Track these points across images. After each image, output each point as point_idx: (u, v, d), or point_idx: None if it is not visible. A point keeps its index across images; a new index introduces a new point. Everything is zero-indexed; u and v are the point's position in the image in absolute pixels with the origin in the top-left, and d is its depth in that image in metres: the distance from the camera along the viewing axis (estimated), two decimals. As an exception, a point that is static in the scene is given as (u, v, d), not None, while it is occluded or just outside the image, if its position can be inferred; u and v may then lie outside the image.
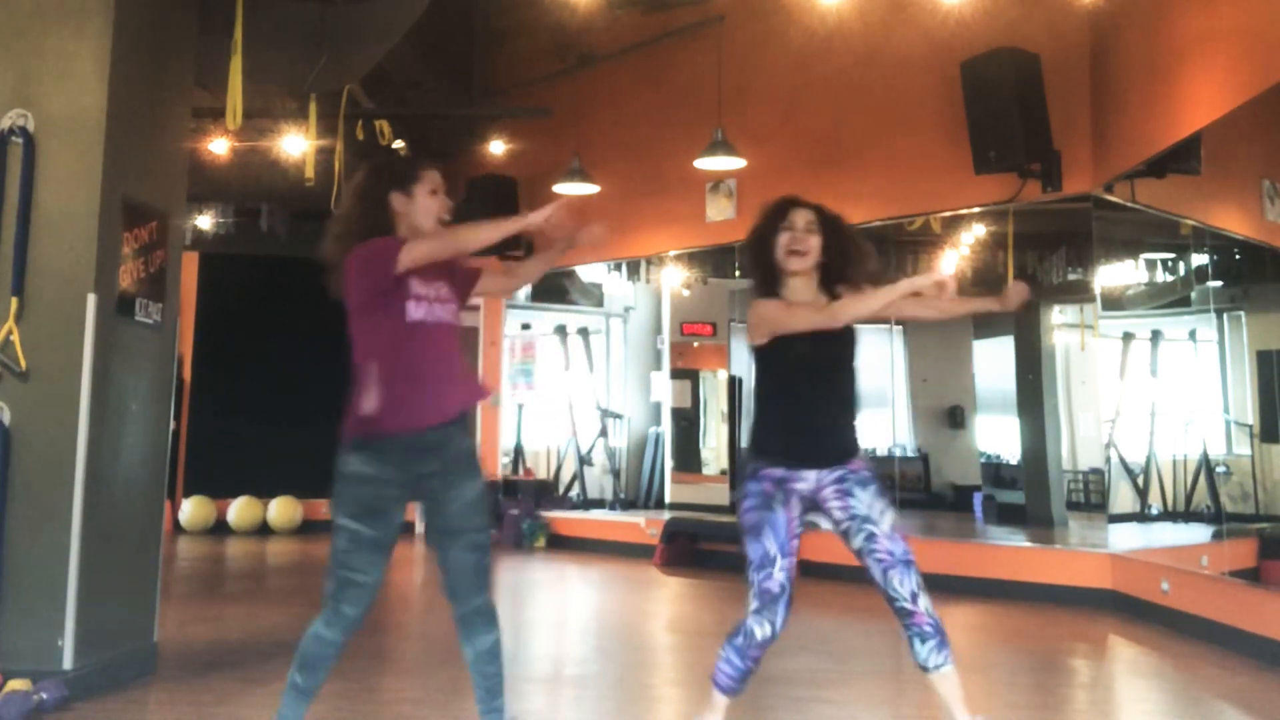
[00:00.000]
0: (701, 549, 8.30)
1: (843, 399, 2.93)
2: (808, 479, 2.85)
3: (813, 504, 2.88)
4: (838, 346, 2.91)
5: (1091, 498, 9.33)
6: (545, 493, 10.09)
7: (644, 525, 8.86)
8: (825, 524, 2.91)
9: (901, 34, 7.21)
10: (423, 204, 2.87)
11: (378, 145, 7.65)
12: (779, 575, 2.80)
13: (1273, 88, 4.71)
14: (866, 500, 2.83)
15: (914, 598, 2.76)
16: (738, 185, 8.34)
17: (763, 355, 2.96)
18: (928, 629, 2.76)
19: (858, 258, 2.99)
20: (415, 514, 10.56)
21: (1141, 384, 8.32)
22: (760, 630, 2.79)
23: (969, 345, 11.28)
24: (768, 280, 2.97)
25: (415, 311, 2.77)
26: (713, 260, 10.06)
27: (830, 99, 7.79)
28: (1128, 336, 8.48)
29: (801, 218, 2.99)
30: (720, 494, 10.49)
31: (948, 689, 2.79)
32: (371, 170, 2.94)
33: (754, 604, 2.80)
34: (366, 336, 2.82)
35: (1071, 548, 7.59)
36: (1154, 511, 7.90)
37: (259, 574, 8.13)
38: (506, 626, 3.05)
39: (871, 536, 2.80)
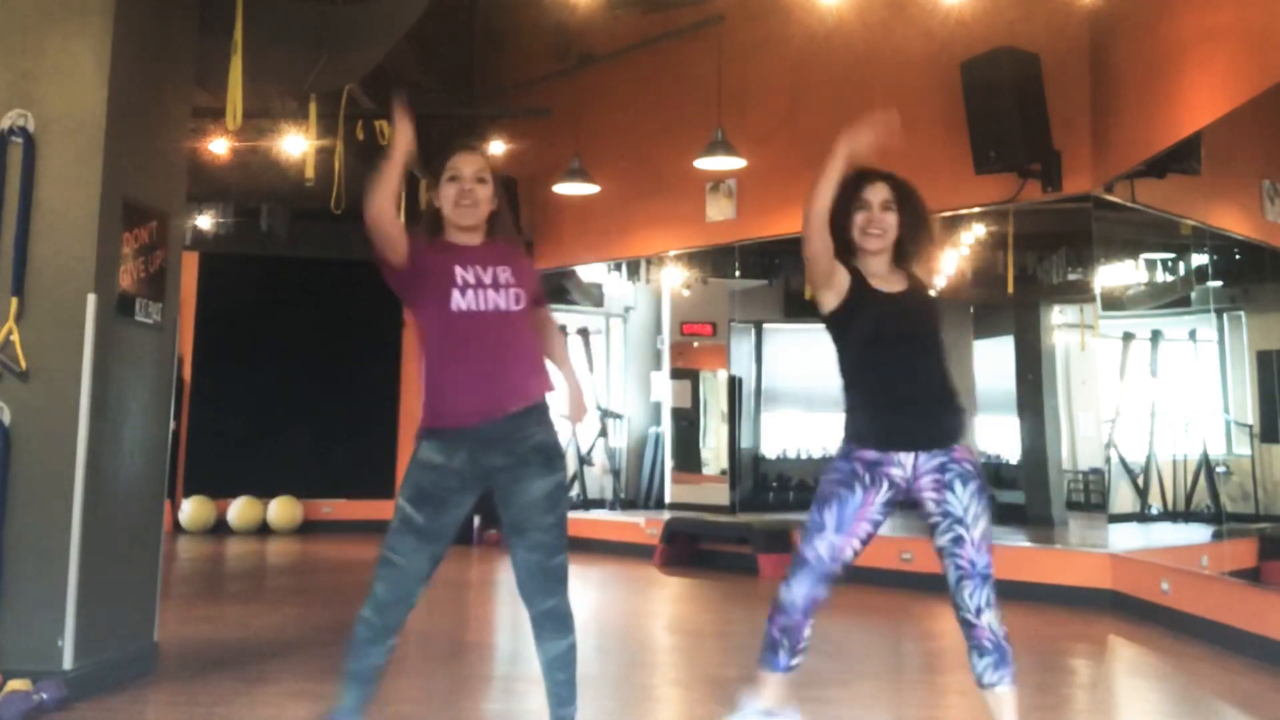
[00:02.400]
0: (701, 549, 8.30)
1: (931, 374, 2.75)
2: (904, 464, 2.69)
3: (907, 492, 2.72)
4: (914, 318, 2.77)
5: (1091, 498, 9.33)
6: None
7: (644, 525, 8.86)
8: (919, 512, 2.77)
9: (901, 34, 7.20)
10: (444, 192, 2.82)
11: (378, 145, 7.64)
12: (821, 546, 2.67)
13: (1273, 88, 4.71)
14: (964, 499, 2.68)
15: (979, 612, 2.68)
16: (738, 185, 8.33)
17: (836, 331, 2.82)
18: (988, 644, 2.67)
19: (929, 229, 2.88)
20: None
21: (1141, 384, 8.32)
22: (784, 593, 2.67)
23: (969, 345, 11.27)
24: (842, 251, 2.81)
25: (460, 300, 2.71)
26: (713, 260, 10.05)
27: (830, 99, 7.78)
28: (1128, 336, 8.47)
29: (878, 194, 2.84)
30: (720, 494, 10.49)
31: (1001, 708, 2.69)
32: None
33: (790, 569, 2.67)
34: (419, 327, 2.79)
35: (1071, 548, 7.59)
36: (1154, 511, 7.90)
37: (259, 574, 8.13)
38: (507, 626, 3.05)
39: (959, 540, 2.69)
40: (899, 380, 2.70)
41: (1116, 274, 8.00)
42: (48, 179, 3.86)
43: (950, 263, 9.73)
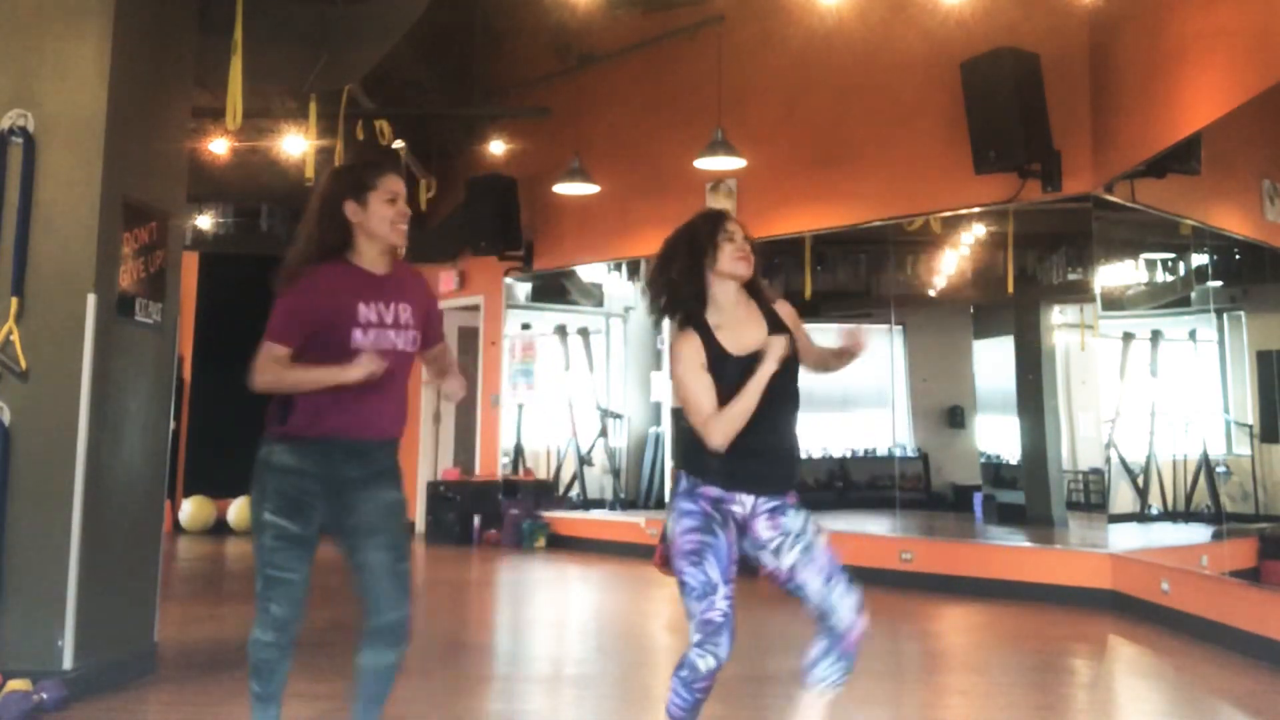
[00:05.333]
0: (701, 549, 8.28)
1: (781, 424, 2.78)
2: (744, 504, 2.70)
3: (743, 528, 2.72)
4: (779, 375, 2.72)
5: (1091, 498, 9.32)
6: (545, 493, 10.09)
7: (644, 525, 8.85)
8: (745, 548, 2.75)
9: (901, 34, 7.21)
10: (377, 212, 2.74)
11: (378, 145, 7.65)
12: (721, 604, 2.61)
13: (1273, 87, 4.71)
14: (798, 521, 2.71)
15: (859, 609, 2.63)
16: (738, 185, 8.33)
17: None
18: (852, 651, 2.62)
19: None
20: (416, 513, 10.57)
21: (1141, 384, 8.32)
22: (704, 663, 2.60)
23: (969, 345, 11.27)
24: (698, 296, 2.81)
25: (361, 339, 2.70)
26: (713, 260, 10.03)
27: (830, 99, 7.79)
28: (1128, 336, 8.47)
29: (738, 227, 2.92)
30: (720, 494, 10.47)
31: (825, 708, 2.66)
32: (330, 175, 2.86)
33: (696, 636, 2.62)
34: (309, 344, 2.71)
35: (1071, 548, 7.58)
36: (1154, 511, 7.90)
37: (259, 574, 8.12)
38: (507, 626, 3.05)
39: (807, 549, 2.68)
40: (751, 431, 2.68)
41: (1116, 274, 8.00)
42: (48, 179, 3.87)
43: (950, 263, 9.74)
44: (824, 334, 2.93)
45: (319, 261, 2.75)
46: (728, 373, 2.69)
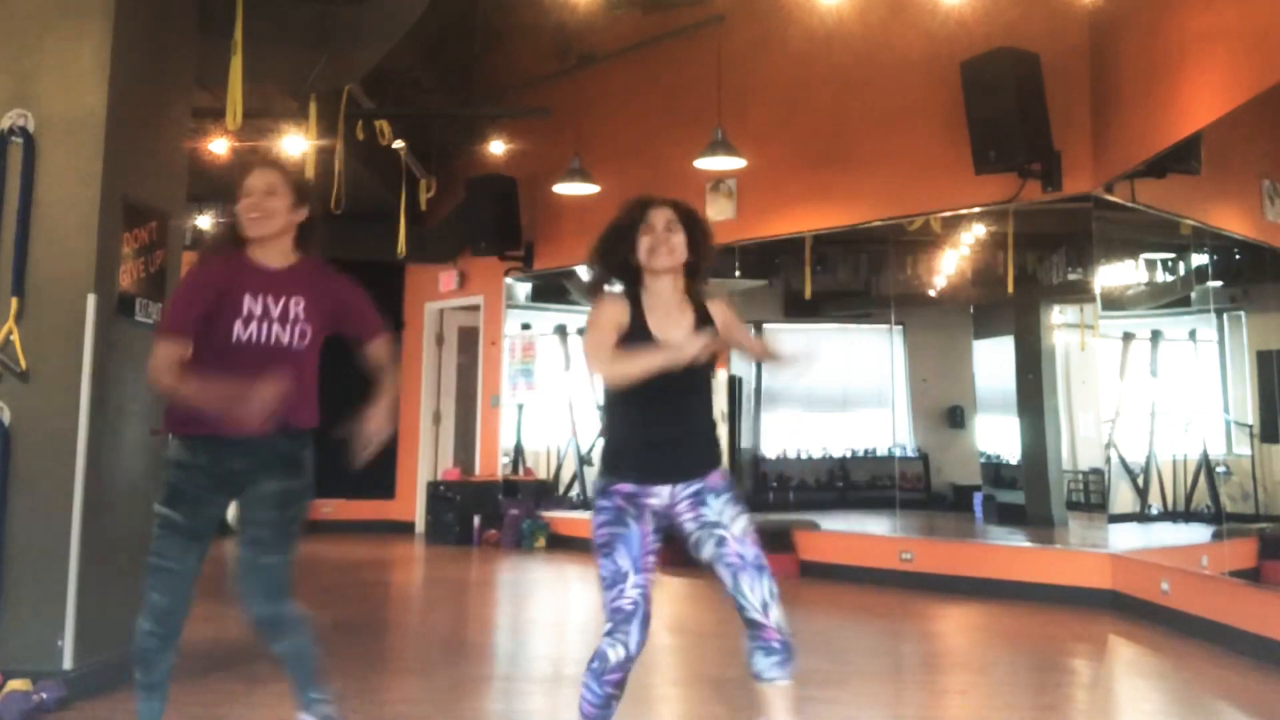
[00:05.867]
0: (701, 549, 8.29)
1: (694, 412, 2.79)
2: (661, 494, 2.70)
3: (667, 520, 2.73)
4: (689, 370, 2.67)
5: (1091, 498, 9.31)
6: (545, 493, 10.09)
7: (644, 525, 8.84)
8: (685, 543, 2.75)
9: (901, 34, 7.20)
10: (241, 207, 2.81)
11: (378, 145, 7.65)
12: (631, 592, 2.61)
13: (1273, 87, 4.71)
14: (718, 507, 2.68)
15: (765, 608, 2.60)
16: (738, 185, 8.33)
17: None
18: (775, 645, 2.61)
19: (710, 255, 2.91)
20: (417, 514, 10.56)
21: (1141, 384, 8.31)
22: (614, 652, 2.59)
23: (969, 345, 11.27)
24: (628, 281, 2.83)
25: (241, 332, 2.72)
26: (712, 260, 10.04)
27: (830, 99, 7.79)
28: (1128, 336, 8.47)
29: (660, 217, 2.87)
30: (720, 494, 10.46)
31: (780, 701, 2.64)
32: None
33: (607, 625, 2.62)
34: (196, 339, 2.74)
35: (1071, 548, 7.59)
36: (1154, 511, 7.89)
37: (259, 574, 8.12)
38: (507, 626, 3.04)
39: (722, 541, 2.66)
40: (662, 421, 2.70)
41: (1116, 274, 8.00)
42: (48, 179, 3.87)
43: (950, 263, 9.73)
44: (823, 334, 2.93)
45: (217, 254, 2.84)
46: (643, 350, 2.66)
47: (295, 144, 7.24)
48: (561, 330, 11.27)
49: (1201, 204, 6.42)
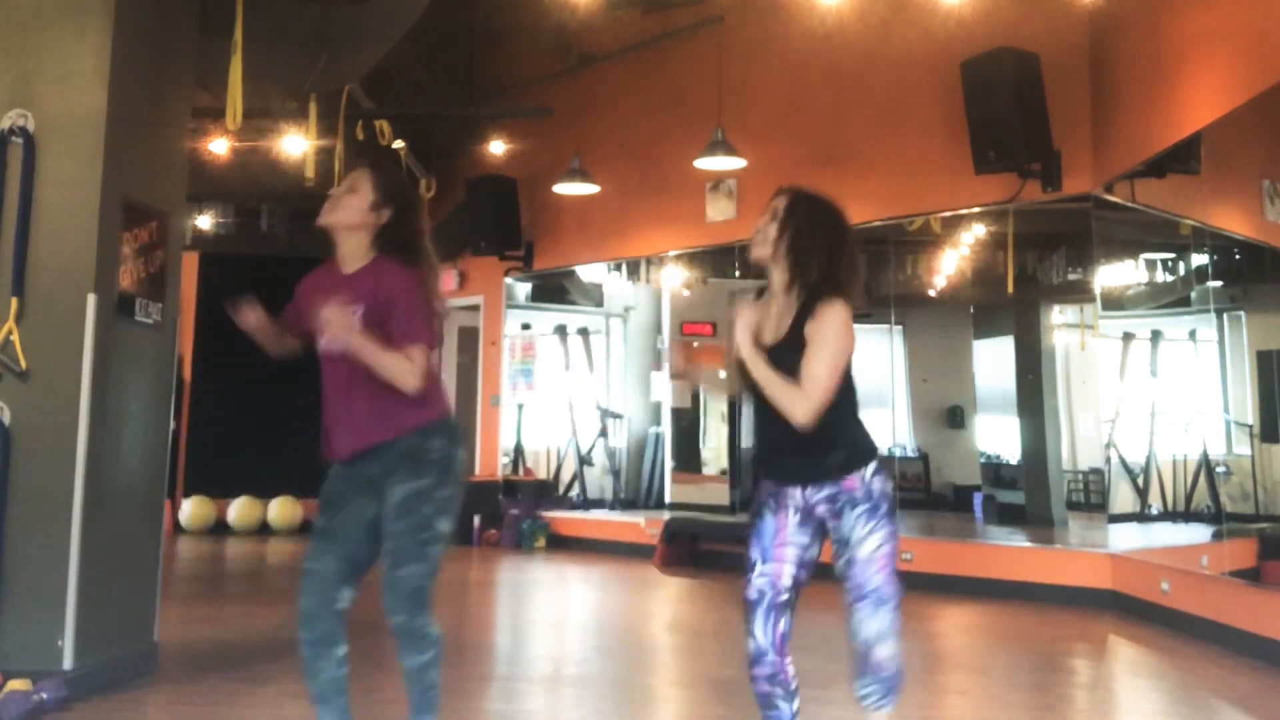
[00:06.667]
0: (701, 549, 8.30)
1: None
2: (795, 496, 2.63)
3: (811, 516, 2.63)
4: (783, 360, 2.57)
5: (1091, 498, 9.32)
6: (545, 493, 10.09)
7: (644, 525, 8.85)
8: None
9: (901, 34, 7.21)
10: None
11: (378, 145, 7.65)
12: (756, 581, 2.58)
13: (1273, 87, 4.71)
14: (851, 521, 2.56)
15: (866, 646, 2.53)
16: (738, 185, 8.33)
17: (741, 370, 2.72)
18: (884, 675, 2.54)
19: (832, 252, 2.65)
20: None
21: (1141, 384, 8.31)
22: (751, 645, 2.55)
23: (969, 345, 11.27)
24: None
25: (321, 341, 2.77)
26: (713, 260, 10.05)
27: (830, 99, 7.79)
28: (1128, 336, 8.47)
29: (772, 203, 2.76)
30: (720, 494, 10.48)
31: None
32: None
33: (746, 624, 2.59)
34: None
35: (1071, 548, 7.58)
36: (1154, 511, 7.89)
37: (259, 574, 8.13)
38: (507, 626, 3.04)
39: (849, 562, 2.56)
40: (771, 430, 2.63)
41: (1116, 274, 8.00)
42: (48, 179, 3.86)
43: (950, 263, 9.74)
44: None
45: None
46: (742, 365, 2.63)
47: (295, 144, 7.24)
48: (561, 330, 11.27)
49: (1201, 204, 6.42)
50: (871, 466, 2.62)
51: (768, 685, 2.58)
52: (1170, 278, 8.24)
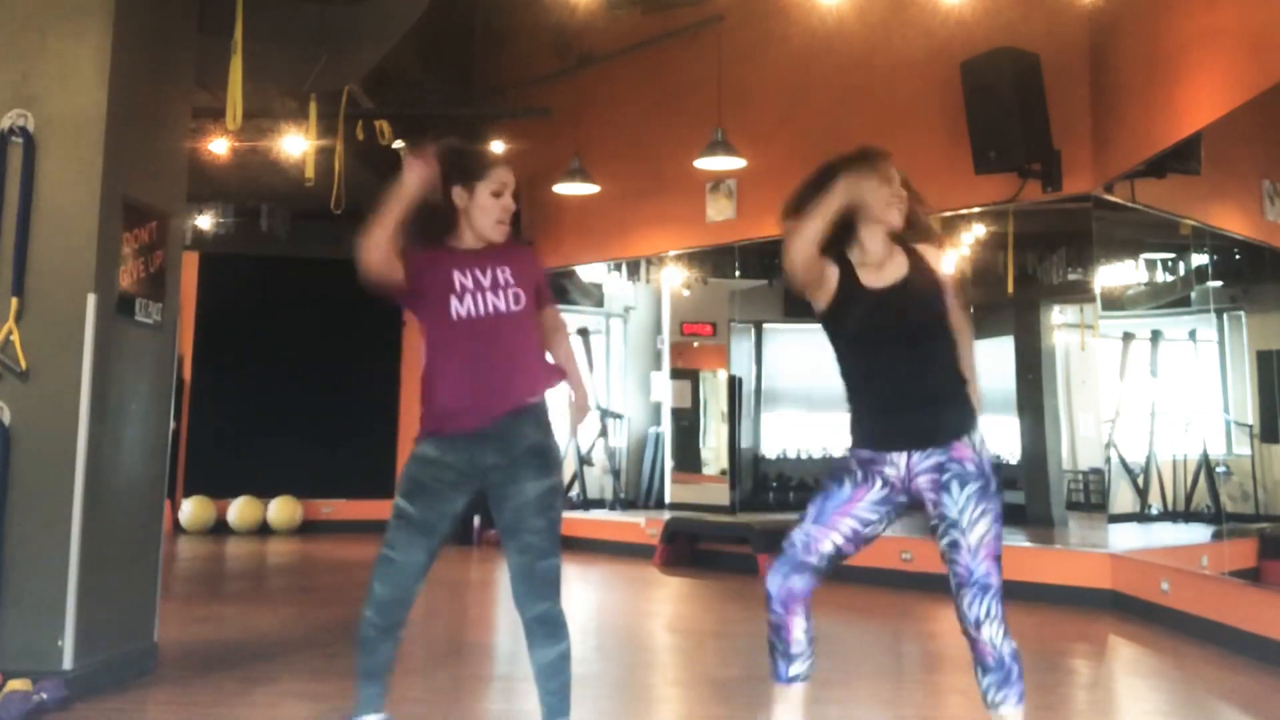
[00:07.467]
0: (701, 549, 8.30)
1: (924, 370, 2.57)
2: (897, 464, 2.54)
3: (906, 492, 2.57)
4: (903, 312, 2.56)
5: (1091, 498, 9.33)
6: (545, 493, 10.08)
7: (644, 525, 8.86)
8: (924, 514, 2.65)
9: (901, 34, 7.20)
10: (483, 203, 2.79)
11: (378, 145, 7.65)
12: (796, 535, 2.56)
13: (1273, 87, 4.71)
14: (961, 501, 2.51)
15: (977, 625, 2.51)
16: (738, 185, 8.33)
17: (829, 331, 2.67)
18: (990, 661, 2.52)
19: (924, 204, 2.78)
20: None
21: (1141, 384, 8.32)
22: (767, 583, 2.56)
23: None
24: (836, 237, 2.62)
25: (459, 308, 2.71)
26: (713, 260, 10.06)
27: (830, 99, 7.79)
28: (1128, 336, 8.47)
29: (892, 170, 2.70)
30: (720, 494, 10.49)
31: None
32: (440, 155, 2.77)
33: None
34: (422, 330, 2.81)
35: (1071, 548, 7.59)
36: (1154, 511, 7.90)
37: (259, 574, 8.13)
38: (507, 626, 3.04)
39: (955, 545, 2.54)
40: (885, 379, 2.57)
41: (1116, 274, 8.01)
42: (48, 179, 3.86)
43: (950, 263, 9.73)
44: (824, 333, 2.90)
45: (417, 243, 2.78)
46: (856, 310, 2.58)
47: (295, 144, 7.24)
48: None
49: (1201, 204, 6.43)
50: (980, 433, 2.59)
51: (772, 636, 2.62)
52: (1170, 278, 8.25)
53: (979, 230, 8.76)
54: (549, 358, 2.90)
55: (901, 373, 2.57)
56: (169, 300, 4.35)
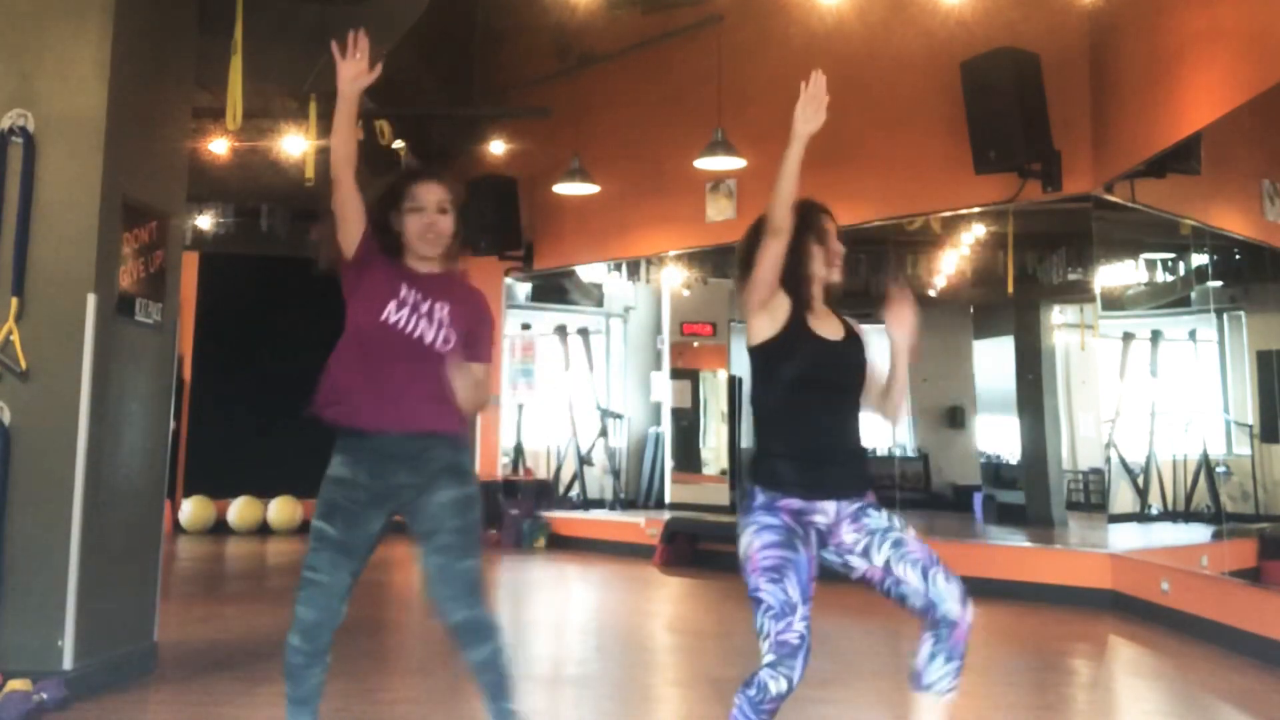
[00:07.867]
0: (701, 549, 8.30)
1: (855, 426, 2.65)
2: (827, 512, 2.56)
3: (824, 539, 2.58)
4: (849, 370, 2.65)
5: (1091, 498, 9.33)
6: (545, 493, 10.10)
7: (644, 525, 8.86)
8: (830, 557, 2.60)
9: (901, 34, 7.20)
10: (406, 222, 2.78)
11: (378, 145, 7.65)
12: (799, 625, 2.46)
13: (1273, 87, 4.71)
14: (881, 518, 2.56)
15: (963, 601, 2.45)
16: (738, 185, 8.34)
17: (763, 364, 2.65)
18: (962, 647, 2.46)
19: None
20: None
21: (1141, 384, 8.32)
22: (775, 685, 2.45)
23: (969, 345, 11.28)
24: (794, 292, 2.69)
25: (394, 314, 2.71)
26: (713, 260, 10.06)
27: (830, 99, 7.75)
28: (1128, 336, 8.48)
29: (833, 225, 2.78)
30: (720, 494, 10.49)
31: (938, 715, 2.47)
32: (379, 194, 2.84)
33: (769, 656, 2.47)
34: (348, 319, 2.80)
35: (1071, 548, 7.59)
36: (1154, 511, 7.90)
37: (259, 574, 8.13)
38: (507, 626, 3.03)
39: (899, 542, 2.52)
40: (828, 430, 2.60)
41: (1116, 274, 8.01)
42: (48, 179, 3.86)
43: (950, 263, 9.74)
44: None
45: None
46: (804, 351, 2.60)
47: (295, 144, 7.24)
48: (561, 330, 11.27)
49: (1201, 204, 6.43)
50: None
51: (770, 718, 2.55)
52: (1170, 278, 8.25)
53: (979, 230, 8.76)
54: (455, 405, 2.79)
55: (843, 427, 2.64)
56: (169, 300, 4.35)
